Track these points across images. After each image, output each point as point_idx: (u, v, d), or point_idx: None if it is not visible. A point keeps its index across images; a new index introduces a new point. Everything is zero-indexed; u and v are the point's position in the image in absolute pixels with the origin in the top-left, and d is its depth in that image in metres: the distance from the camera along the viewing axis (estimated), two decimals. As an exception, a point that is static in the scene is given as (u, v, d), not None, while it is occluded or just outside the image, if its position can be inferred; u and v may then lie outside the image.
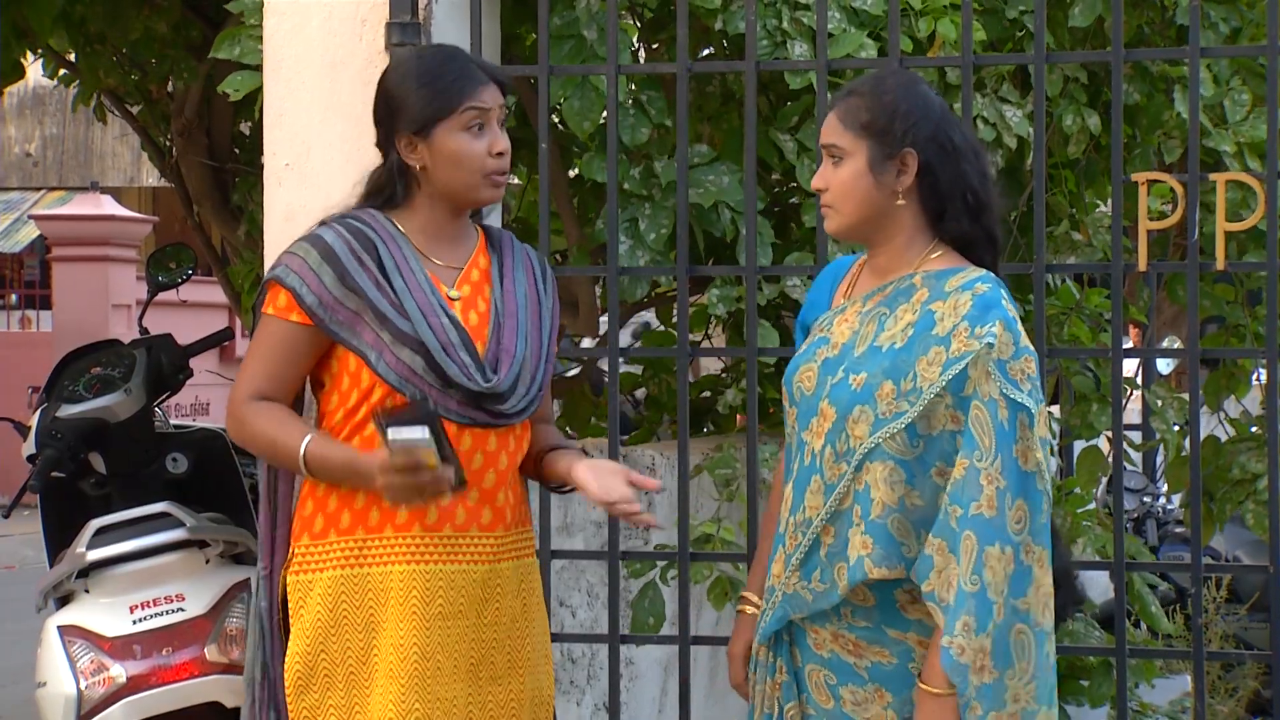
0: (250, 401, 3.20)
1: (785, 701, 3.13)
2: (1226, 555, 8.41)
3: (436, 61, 3.26)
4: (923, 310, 3.02)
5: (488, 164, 3.22)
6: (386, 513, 3.18)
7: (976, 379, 2.95)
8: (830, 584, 3.03)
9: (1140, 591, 4.98)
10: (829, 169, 3.12)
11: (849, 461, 3.01)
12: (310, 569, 3.20)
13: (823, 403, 3.06)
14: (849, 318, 3.13)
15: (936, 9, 4.48)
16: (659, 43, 5.26)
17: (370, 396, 3.17)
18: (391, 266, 3.19)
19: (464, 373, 3.17)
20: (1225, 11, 4.74)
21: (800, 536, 3.07)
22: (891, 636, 3.05)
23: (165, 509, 4.20)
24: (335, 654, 3.18)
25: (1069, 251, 4.91)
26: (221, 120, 6.87)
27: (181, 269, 4.66)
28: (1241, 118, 4.71)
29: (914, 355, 2.99)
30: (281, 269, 3.20)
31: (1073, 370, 5.15)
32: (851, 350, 3.08)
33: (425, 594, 3.17)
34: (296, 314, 3.17)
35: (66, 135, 20.84)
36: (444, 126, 3.21)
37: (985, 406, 2.94)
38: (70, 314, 15.40)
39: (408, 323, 3.16)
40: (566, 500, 4.72)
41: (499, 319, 3.26)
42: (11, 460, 5.59)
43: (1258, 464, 4.72)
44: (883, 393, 2.99)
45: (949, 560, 2.93)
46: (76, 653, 4.12)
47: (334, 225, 3.24)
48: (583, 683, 4.76)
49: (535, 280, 3.36)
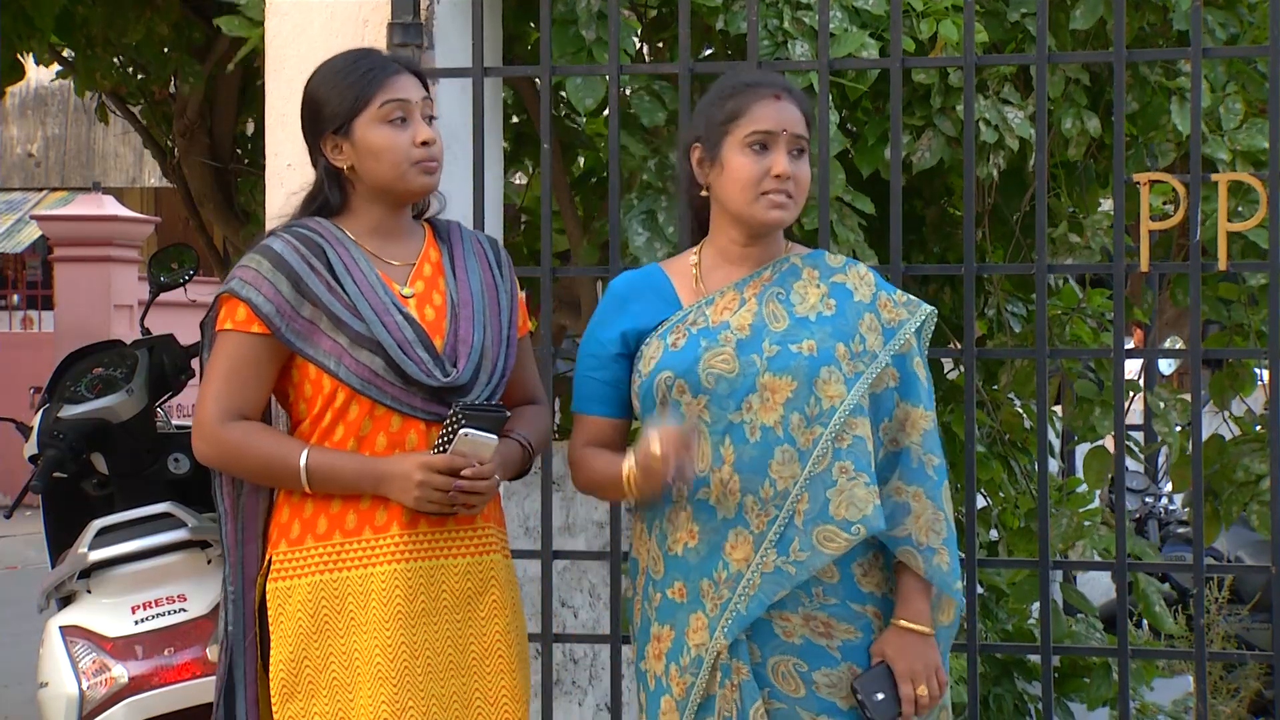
0: (226, 423, 3.17)
1: (748, 701, 3.12)
2: (1228, 556, 8.41)
3: (349, 60, 3.27)
4: (829, 284, 3.21)
5: (413, 153, 3.21)
6: (363, 515, 3.17)
7: (909, 339, 3.21)
8: (811, 550, 3.08)
9: (1145, 591, 4.98)
10: (790, 160, 3.19)
11: (824, 423, 3.10)
12: (288, 575, 3.19)
13: (764, 378, 3.12)
14: (729, 305, 3.20)
15: (939, 10, 4.48)
16: (661, 42, 5.26)
17: (333, 402, 3.16)
18: (341, 270, 3.17)
19: (423, 370, 3.16)
20: (1224, 17, 4.74)
21: (774, 511, 3.10)
22: (855, 611, 3.15)
23: (167, 509, 4.19)
24: (318, 660, 3.16)
25: (1067, 253, 4.91)
26: (223, 121, 6.88)
27: (183, 269, 4.65)
28: (1236, 125, 4.71)
29: (852, 320, 3.18)
30: (235, 282, 3.17)
31: (1075, 372, 5.15)
32: (765, 328, 3.17)
33: (408, 592, 3.16)
34: (257, 325, 3.15)
35: (69, 136, 20.85)
36: (362, 120, 3.20)
37: (919, 365, 3.21)
38: (72, 314, 15.40)
39: (362, 324, 3.15)
40: (568, 501, 4.72)
41: (455, 311, 3.25)
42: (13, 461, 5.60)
43: (1262, 464, 4.72)
44: (840, 354, 3.14)
45: (926, 506, 3.14)
46: (78, 653, 4.11)
47: (281, 235, 3.22)
48: (584, 683, 4.76)
49: (490, 266, 3.35)
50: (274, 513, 3.24)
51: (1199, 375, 4.13)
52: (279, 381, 3.22)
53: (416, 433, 3.18)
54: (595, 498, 3.59)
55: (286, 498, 3.22)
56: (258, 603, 3.24)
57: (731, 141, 3.19)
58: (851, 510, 3.08)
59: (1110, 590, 8.01)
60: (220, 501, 3.28)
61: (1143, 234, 4.01)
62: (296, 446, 3.16)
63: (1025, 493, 5.23)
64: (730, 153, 3.19)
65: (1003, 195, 4.92)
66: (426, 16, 4.14)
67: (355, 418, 3.17)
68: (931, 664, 3.14)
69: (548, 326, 4.16)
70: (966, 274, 4.03)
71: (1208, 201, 4.42)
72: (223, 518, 3.28)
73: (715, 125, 3.21)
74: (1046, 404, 4.07)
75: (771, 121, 3.17)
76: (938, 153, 4.50)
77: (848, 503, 3.08)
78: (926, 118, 4.51)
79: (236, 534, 3.26)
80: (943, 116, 4.50)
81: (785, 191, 3.17)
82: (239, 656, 3.26)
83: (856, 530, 3.07)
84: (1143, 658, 5.25)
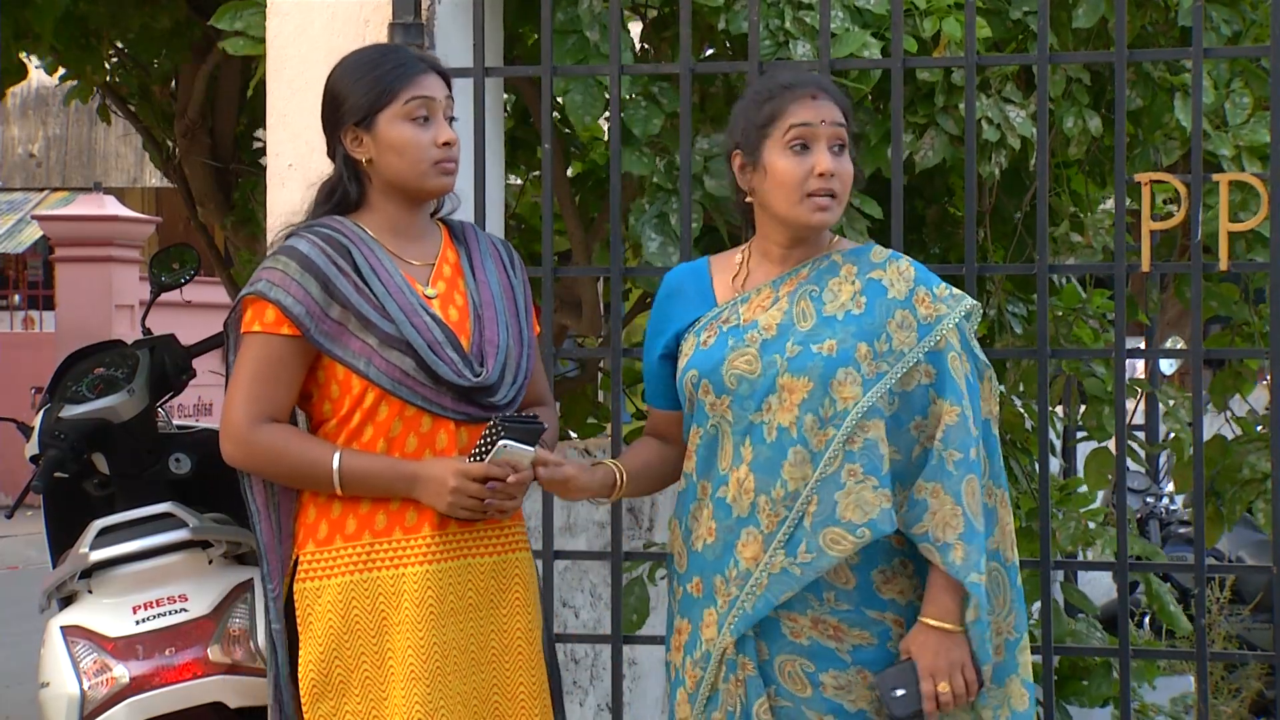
0: (257, 425, 3.16)
1: (753, 696, 3.13)
2: (1230, 556, 8.42)
3: (376, 54, 3.28)
4: (864, 281, 3.17)
5: (434, 153, 3.21)
6: (393, 515, 3.18)
7: (946, 334, 3.15)
8: (818, 552, 3.07)
9: (1158, 591, 4.98)
10: (832, 157, 3.17)
11: (837, 425, 3.08)
12: (318, 576, 3.20)
13: (784, 378, 3.11)
14: (762, 304, 3.19)
15: (941, 9, 4.47)
16: (663, 41, 5.26)
17: (363, 403, 3.16)
18: (368, 270, 3.17)
19: (453, 370, 3.17)
20: (1227, 14, 4.73)
21: (785, 511, 3.10)
22: (871, 617, 3.14)
23: (168, 509, 4.19)
24: (349, 660, 3.17)
25: (1068, 252, 4.91)
26: (224, 120, 6.87)
27: (184, 269, 4.65)
28: (1242, 121, 4.70)
29: (879, 318, 3.14)
30: (263, 284, 3.16)
31: (1084, 372, 5.15)
32: (792, 327, 3.15)
33: (440, 592, 3.17)
34: (287, 327, 3.14)
35: (69, 136, 20.85)
36: (386, 115, 3.21)
37: (956, 360, 3.15)
38: (73, 314, 15.41)
39: (392, 325, 3.15)
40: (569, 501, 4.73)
41: (478, 311, 3.25)
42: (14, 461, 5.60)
43: (1266, 463, 4.72)
44: (860, 354, 3.11)
45: (944, 502, 3.08)
46: (79, 653, 4.11)
47: (305, 234, 3.20)
48: (585, 683, 4.76)
49: (505, 267, 3.36)
50: (299, 513, 3.24)
51: (1200, 375, 4.13)
52: (304, 382, 3.22)
53: (446, 433, 3.19)
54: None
55: (313, 498, 3.22)
56: (284, 602, 3.25)
57: (771, 145, 3.18)
58: (858, 513, 3.06)
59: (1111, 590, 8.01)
60: (251, 501, 3.27)
61: (1144, 233, 4.01)
62: (328, 450, 3.16)
63: (1026, 493, 5.23)
64: (771, 156, 3.17)
65: (1004, 195, 4.92)
66: (427, 16, 4.14)
67: (385, 419, 3.17)
68: (956, 661, 3.10)
69: (549, 327, 4.16)
70: (968, 274, 4.02)
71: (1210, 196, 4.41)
72: (255, 516, 3.27)
73: (753, 129, 3.20)
74: (1047, 404, 4.07)
75: (810, 115, 3.16)
76: (940, 151, 4.50)
77: (855, 505, 3.07)
78: (929, 116, 4.51)
79: (274, 532, 3.25)
80: (945, 115, 4.49)
81: (830, 191, 3.16)
82: (283, 656, 3.25)
83: (862, 533, 3.06)
84: (1144, 658, 5.25)
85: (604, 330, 5.58)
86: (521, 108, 5.63)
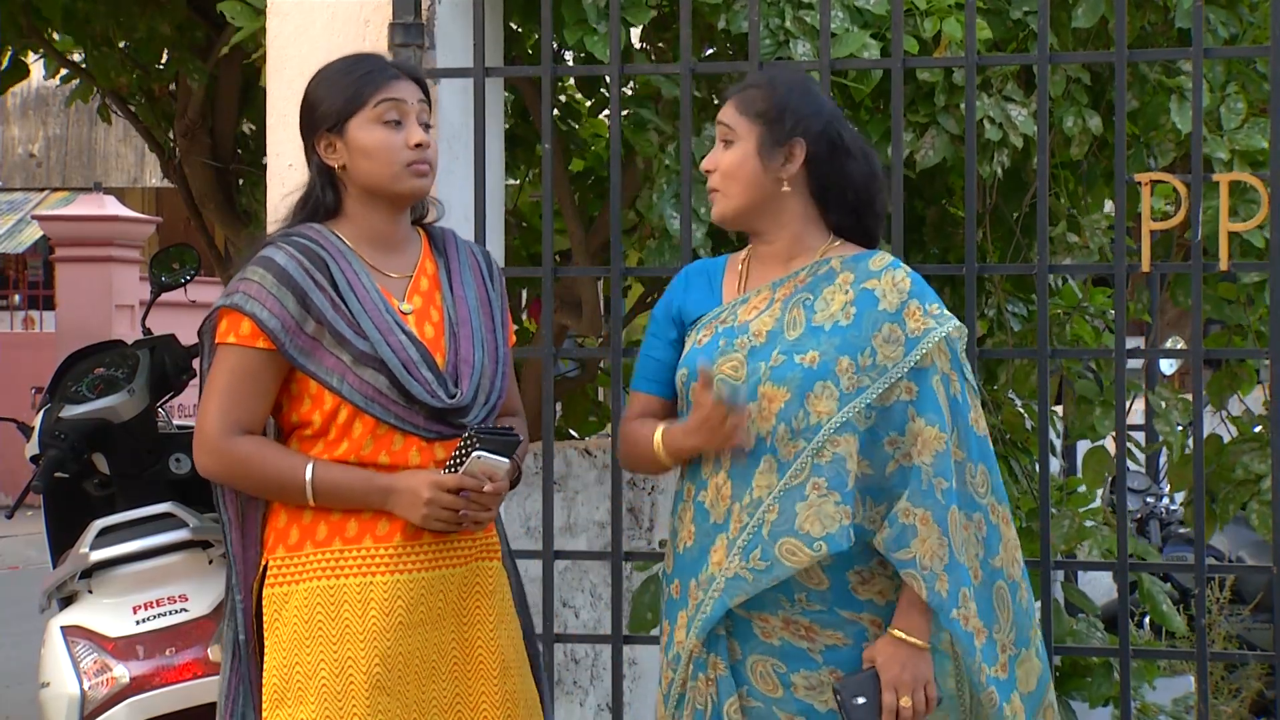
0: (229, 436, 3.15)
1: (724, 696, 3.13)
2: (1230, 556, 8.41)
3: (349, 61, 3.28)
4: (857, 291, 3.14)
5: (405, 155, 3.19)
6: (365, 523, 3.16)
7: (932, 353, 3.11)
8: (771, 561, 3.06)
9: (1151, 591, 4.98)
10: (719, 151, 3.21)
11: (808, 438, 3.07)
12: (286, 581, 3.17)
13: (764, 386, 3.11)
14: (758, 306, 3.19)
15: (941, 9, 4.48)
16: (663, 41, 5.26)
17: (335, 417, 3.14)
18: (345, 285, 3.15)
19: (427, 390, 3.15)
20: (1225, 16, 4.74)
21: (747, 519, 3.10)
22: (845, 618, 3.13)
23: (168, 509, 4.19)
24: (308, 666, 3.14)
25: (1065, 253, 4.91)
26: (225, 121, 6.88)
27: (185, 270, 4.65)
28: (1236, 125, 4.70)
29: (865, 331, 3.10)
30: (239, 296, 3.14)
31: (1075, 372, 5.15)
32: (781, 335, 3.14)
33: (410, 602, 3.15)
34: (263, 341, 3.12)
35: (70, 136, 20.86)
36: (358, 120, 3.19)
37: (942, 381, 3.11)
38: (73, 314, 15.41)
39: (366, 343, 3.13)
40: (569, 501, 4.73)
41: (454, 329, 3.24)
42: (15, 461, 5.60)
43: (1261, 464, 4.72)
44: (841, 367, 3.09)
45: (933, 530, 3.05)
46: (80, 653, 4.11)
47: (283, 245, 3.18)
48: (585, 683, 4.77)
49: (483, 280, 3.34)
50: (270, 518, 3.22)
51: (1200, 375, 4.13)
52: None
53: (418, 450, 3.17)
54: (634, 472, 3.61)
55: (284, 503, 3.21)
56: (254, 608, 3.23)
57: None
58: (818, 526, 3.04)
59: (1112, 590, 8.01)
60: (223, 510, 3.26)
61: (1144, 234, 4.02)
62: (301, 462, 3.14)
63: (1026, 493, 5.23)
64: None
65: (1003, 195, 4.92)
66: (428, 17, 4.14)
67: (358, 435, 3.15)
68: (921, 677, 3.09)
69: (548, 327, 4.16)
70: (968, 274, 4.03)
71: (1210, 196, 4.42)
72: (227, 525, 3.26)
73: None
74: (1047, 404, 4.07)
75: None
76: (941, 151, 4.50)
77: (815, 518, 3.05)
78: (930, 115, 4.51)
79: (242, 540, 3.24)
80: (946, 115, 4.50)
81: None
82: (245, 662, 3.25)
83: (819, 547, 3.04)
84: (1144, 658, 5.25)
85: (604, 330, 5.58)
86: (522, 107, 5.64)
